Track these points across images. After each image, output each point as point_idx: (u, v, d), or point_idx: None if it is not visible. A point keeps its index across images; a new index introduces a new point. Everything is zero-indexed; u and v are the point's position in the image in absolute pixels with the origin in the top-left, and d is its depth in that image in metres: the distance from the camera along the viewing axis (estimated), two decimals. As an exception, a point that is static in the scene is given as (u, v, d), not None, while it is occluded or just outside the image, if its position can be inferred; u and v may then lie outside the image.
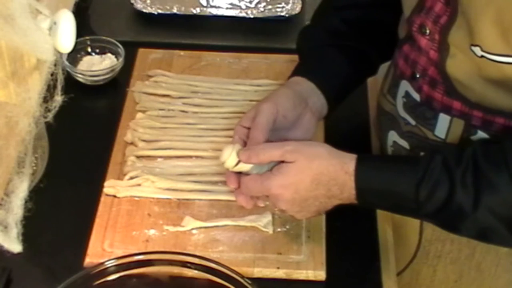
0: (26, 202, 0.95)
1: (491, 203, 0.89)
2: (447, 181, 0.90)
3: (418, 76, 1.01)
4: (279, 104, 1.02)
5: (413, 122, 1.05)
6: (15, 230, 0.94)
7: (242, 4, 1.47)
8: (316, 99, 1.07)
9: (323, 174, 0.95)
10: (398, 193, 0.93)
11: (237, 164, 0.99)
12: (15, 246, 0.95)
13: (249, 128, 1.02)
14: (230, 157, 0.99)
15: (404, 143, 1.08)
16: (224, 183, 1.13)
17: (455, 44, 0.94)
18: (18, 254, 0.98)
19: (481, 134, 0.98)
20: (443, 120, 1.00)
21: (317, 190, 0.95)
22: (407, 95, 1.05)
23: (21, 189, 0.93)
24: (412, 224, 1.14)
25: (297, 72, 1.11)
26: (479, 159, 0.90)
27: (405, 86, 1.05)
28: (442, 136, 1.01)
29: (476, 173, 0.90)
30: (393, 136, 1.10)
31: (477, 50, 0.90)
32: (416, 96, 1.03)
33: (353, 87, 1.15)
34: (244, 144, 1.02)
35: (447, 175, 0.91)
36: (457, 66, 0.95)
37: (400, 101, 1.07)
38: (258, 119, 1.00)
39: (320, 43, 1.14)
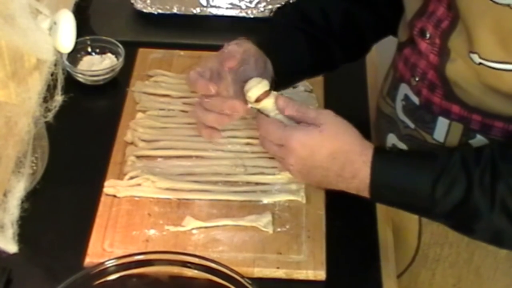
0: (24, 202, 0.95)
1: (508, 205, 0.89)
2: (465, 180, 0.91)
3: (417, 79, 1.01)
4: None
5: (412, 125, 1.05)
6: (11, 231, 0.93)
7: (242, 4, 1.47)
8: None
9: (342, 152, 0.96)
10: (413, 189, 0.94)
11: (258, 98, 0.99)
12: (10, 246, 0.95)
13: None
14: (255, 88, 1.00)
15: (403, 146, 1.07)
16: (224, 183, 1.13)
17: (455, 49, 0.94)
18: (19, 254, 0.98)
19: (480, 138, 0.98)
20: (442, 123, 1.00)
21: (330, 164, 0.96)
22: (406, 98, 1.05)
23: (18, 189, 0.93)
24: (411, 227, 1.13)
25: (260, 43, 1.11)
26: (497, 161, 0.91)
27: (404, 89, 1.05)
28: (441, 139, 1.01)
29: (494, 174, 0.90)
30: (392, 139, 1.10)
31: (475, 57, 0.90)
32: (415, 100, 1.03)
33: (303, 77, 1.19)
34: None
35: (465, 174, 0.91)
36: (457, 70, 0.95)
37: (399, 104, 1.06)
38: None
39: (291, 24, 1.15)
